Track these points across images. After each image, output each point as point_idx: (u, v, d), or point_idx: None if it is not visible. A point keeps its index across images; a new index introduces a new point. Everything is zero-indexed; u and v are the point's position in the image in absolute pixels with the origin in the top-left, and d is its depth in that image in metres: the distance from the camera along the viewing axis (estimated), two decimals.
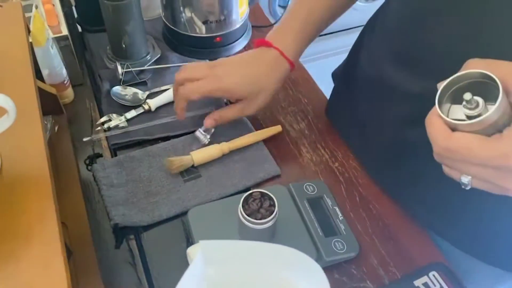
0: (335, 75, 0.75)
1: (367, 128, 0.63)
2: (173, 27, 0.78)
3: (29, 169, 0.41)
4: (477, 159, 0.36)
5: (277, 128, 0.68)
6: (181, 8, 0.76)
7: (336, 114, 0.71)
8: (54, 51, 0.65)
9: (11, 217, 0.38)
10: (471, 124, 0.35)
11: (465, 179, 0.39)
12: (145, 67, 0.75)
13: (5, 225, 0.37)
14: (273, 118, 0.72)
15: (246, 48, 0.83)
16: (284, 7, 1.15)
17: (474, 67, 0.35)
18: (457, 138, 0.36)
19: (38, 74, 0.62)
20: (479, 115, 0.35)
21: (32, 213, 0.38)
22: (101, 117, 0.69)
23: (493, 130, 0.35)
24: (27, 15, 0.62)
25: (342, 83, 0.71)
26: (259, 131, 0.67)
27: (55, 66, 0.66)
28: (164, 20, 0.80)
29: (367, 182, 0.64)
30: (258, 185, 0.63)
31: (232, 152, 0.65)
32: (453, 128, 0.36)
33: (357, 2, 1.17)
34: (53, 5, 0.71)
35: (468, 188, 0.39)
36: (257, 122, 0.71)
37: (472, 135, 0.35)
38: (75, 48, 0.73)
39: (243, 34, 0.82)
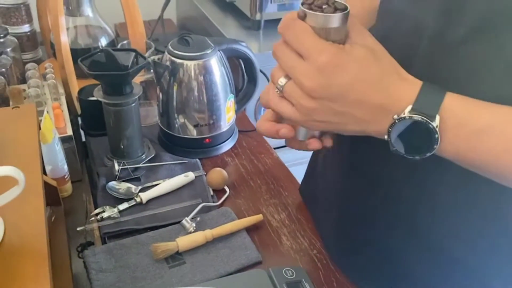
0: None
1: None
2: (167, 131, 0.88)
3: (29, 237, 0.46)
4: (302, 42, 0.43)
5: (258, 217, 0.73)
6: (175, 115, 0.86)
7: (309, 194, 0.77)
8: (58, 148, 0.73)
9: (7, 280, 0.42)
10: (315, 15, 0.42)
11: (280, 81, 0.46)
12: (140, 165, 0.83)
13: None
14: (255, 209, 0.77)
15: (232, 149, 0.91)
16: None
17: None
18: (301, 22, 0.43)
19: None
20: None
21: (27, 278, 0.43)
22: (95, 209, 0.74)
23: (331, 38, 0.43)
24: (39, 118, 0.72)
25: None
26: (241, 220, 0.72)
27: (58, 162, 0.74)
28: (160, 125, 0.90)
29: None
30: (239, 271, 0.66)
31: (216, 239, 0.69)
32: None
33: None
34: (62, 110, 0.81)
35: (278, 93, 0.47)
36: (240, 213, 0.76)
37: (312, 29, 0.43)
38: (77, 149, 0.81)
39: (230, 136, 0.91)
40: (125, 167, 0.81)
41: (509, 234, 0.51)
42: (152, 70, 0.85)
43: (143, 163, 0.83)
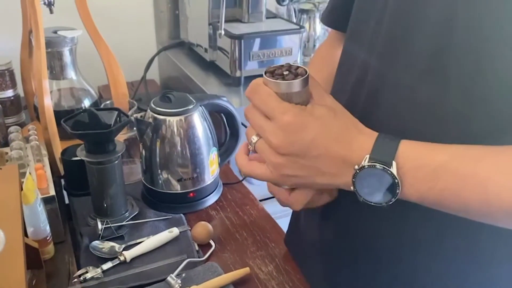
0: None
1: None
2: (151, 187, 0.88)
3: None
4: (267, 105, 0.47)
5: (245, 270, 0.72)
6: (159, 171, 0.86)
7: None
8: (41, 209, 0.72)
9: None
10: (277, 83, 0.47)
11: (252, 138, 0.51)
12: (124, 223, 0.82)
13: None
14: (242, 262, 0.76)
15: (217, 202, 0.91)
16: None
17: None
18: (266, 87, 0.48)
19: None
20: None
21: None
22: (78, 270, 0.72)
23: (293, 101, 0.47)
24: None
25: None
26: (228, 274, 0.71)
27: (40, 223, 0.73)
28: (144, 181, 0.90)
29: None
30: None
31: None
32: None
33: None
34: (45, 171, 0.80)
35: (251, 148, 0.51)
36: (227, 267, 0.75)
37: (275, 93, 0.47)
38: (60, 209, 0.80)
39: (215, 189, 0.91)
40: (109, 225, 0.80)
41: (481, 267, 0.51)
42: (135, 128, 0.87)
43: (127, 221, 0.82)
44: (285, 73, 0.48)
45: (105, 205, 0.81)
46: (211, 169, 0.89)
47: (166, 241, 0.79)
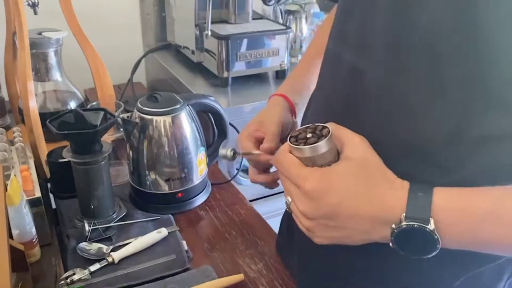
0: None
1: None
2: (139, 187, 0.87)
3: None
4: (290, 174, 0.48)
5: (239, 277, 0.71)
6: (146, 171, 0.85)
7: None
8: (26, 211, 0.71)
9: None
10: (299, 149, 0.47)
11: (288, 199, 0.50)
12: (111, 224, 0.81)
13: None
14: (232, 261, 0.76)
15: (206, 202, 0.91)
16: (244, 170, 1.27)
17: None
18: (289, 155, 0.49)
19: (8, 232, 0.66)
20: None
21: None
22: (65, 273, 0.71)
23: (318, 163, 0.47)
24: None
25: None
26: (222, 279, 0.70)
27: (26, 225, 0.71)
28: (131, 183, 0.89)
29: None
30: None
31: None
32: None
33: None
34: (30, 173, 0.79)
35: (286, 208, 0.51)
36: (216, 266, 0.74)
37: (298, 159, 0.48)
38: (47, 212, 0.79)
39: (203, 189, 0.91)
40: (96, 227, 0.79)
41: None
42: (121, 129, 0.86)
43: (114, 222, 0.81)
44: (308, 136, 0.48)
45: (92, 206, 0.80)
46: (199, 169, 0.88)
47: (154, 241, 0.78)
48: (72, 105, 1.07)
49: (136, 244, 0.77)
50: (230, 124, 0.98)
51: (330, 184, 0.46)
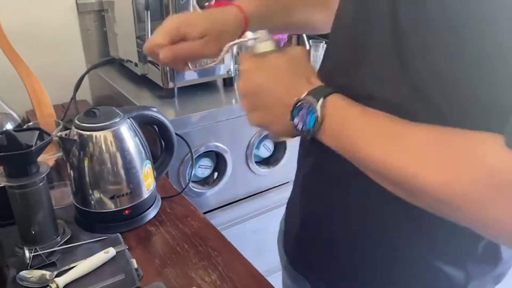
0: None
1: None
2: (83, 208, 0.83)
3: None
4: (240, 61, 0.58)
5: None
6: (90, 190, 0.82)
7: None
8: None
9: None
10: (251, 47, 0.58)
11: None
12: (55, 248, 0.76)
13: None
14: (185, 275, 0.73)
15: (156, 217, 0.88)
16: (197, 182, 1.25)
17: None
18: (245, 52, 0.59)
19: None
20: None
21: None
22: None
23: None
24: None
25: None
26: None
27: None
28: (75, 203, 0.85)
29: None
30: None
31: None
32: None
33: (259, 168, 1.31)
34: None
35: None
36: (169, 281, 0.71)
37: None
38: None
39: (152, 204, 0.88)
40: (38, 253, 0.74)
41: None
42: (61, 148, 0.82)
43: (58, 246, 0.77)
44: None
45: (32, 231, 0.76)
46: (146, 183, 0.85)
47: (102, 262, 0.74)
48: (8, 127, 1.01)
49: (82, 266, 0.73)
50: (177, 134, 0.95)
51: (260, 65, 0.55)
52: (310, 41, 1.50)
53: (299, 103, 0.52)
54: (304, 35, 1.55)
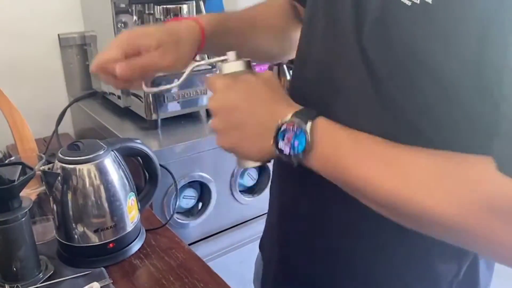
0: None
1: None
2: (66, 242, 0.82)
3: None
4: (208, 81, 0.56)
5: None
6: (73, 224, 0.81)
7: None
8: None
9: None
10: (220, 65, 0.57)
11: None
12: (38, 285, 0.75)
13: None
14: None
15: (140, 250, 0.87)
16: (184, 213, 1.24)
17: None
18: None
19: None
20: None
21: None
22: None
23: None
24: None
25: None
26: None
27: None
28: (58, 238, 0.84)
29: None
30: None
31: None
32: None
33: (244, 197, 1.31)
34: None
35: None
36: None
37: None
38: None
39: (137, 237, 0.87)
40: None
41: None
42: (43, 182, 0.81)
43: (41, 283, 0.76)
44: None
45: (14, 268, 0.74)
46: (130, 216, 0.85)
47: None
48: None
49: None
50: (161, 165, 0.95)
51: (233, 84, 0.54)
52: (291, 71, 1.53)
53: (284, 126, 0.50)
54: (284, 66, 1.59)
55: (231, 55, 0.57)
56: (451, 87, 0.44)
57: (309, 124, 0.49)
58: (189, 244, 0.95)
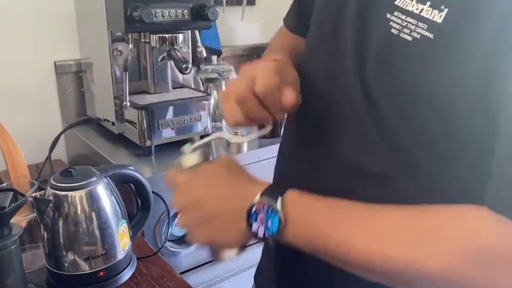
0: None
1: None
2: (56, 271, 0.81)
3: None
4: (168, 177, 0.56)
5: None
6: (64, 252, 0.80)
7: None
8: None
9: None
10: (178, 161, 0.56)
11: None
12: None
13: None
14: None
15: (131, 278, 0.85)
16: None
17: None
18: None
19: None
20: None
21: None
22: None
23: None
24: None
25: None
26: None
27: None
28: (48, 266, 0.82)
29: None
30: None
31: None
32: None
33: None
34: None
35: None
36: None
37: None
38: None
39: (128, 265, 0.86)
40: None
41: None
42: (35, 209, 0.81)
43: None
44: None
45: None
46: (121, 243, 0.84)
47: None
48: None
49: None
50: (154, 192, 0.95)
51: (194, 176, 0.53)
52: None
53: (254, 207, 0.48)
54: None
55: (186, 148, 0.56)
56: (453, 121, 0.45)
57: (279, 201, 0.48)
58: (181, 273, 0.93)
